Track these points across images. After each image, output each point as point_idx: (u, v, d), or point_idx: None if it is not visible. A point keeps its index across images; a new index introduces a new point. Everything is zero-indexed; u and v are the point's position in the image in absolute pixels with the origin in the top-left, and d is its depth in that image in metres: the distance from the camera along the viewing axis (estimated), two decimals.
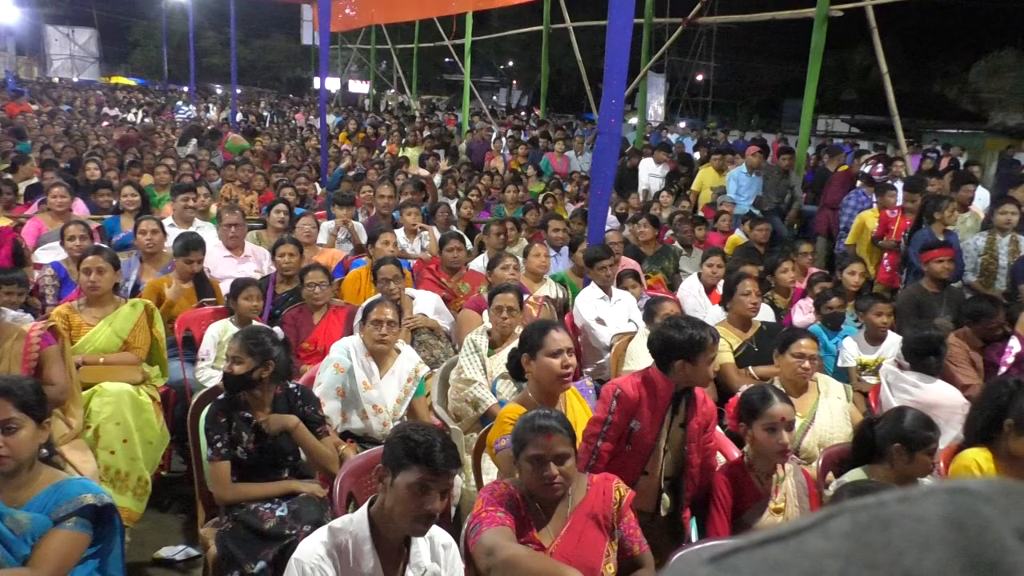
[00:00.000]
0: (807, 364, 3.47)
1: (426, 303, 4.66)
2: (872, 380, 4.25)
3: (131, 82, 36.70)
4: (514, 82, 41.22)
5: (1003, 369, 4.12)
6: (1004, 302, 4.76)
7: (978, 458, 2.80)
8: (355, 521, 2.12)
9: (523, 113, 27.34)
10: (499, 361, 3.67)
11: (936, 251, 5.14)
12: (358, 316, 3.83)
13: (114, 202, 6.60)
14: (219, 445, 2.88)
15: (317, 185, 9.21)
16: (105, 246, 4.38)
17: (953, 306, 4.90)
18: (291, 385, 3.15)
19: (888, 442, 2.74)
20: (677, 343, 2.74)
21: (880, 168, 8.90)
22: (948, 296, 5.06)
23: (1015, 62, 22.71)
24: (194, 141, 12.27)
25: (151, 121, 16.08)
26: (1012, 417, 2.74)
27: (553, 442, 2.23)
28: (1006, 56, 23.01)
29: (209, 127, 14.60)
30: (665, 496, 2.87)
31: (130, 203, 6.11)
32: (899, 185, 7.31)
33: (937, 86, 33.06)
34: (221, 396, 3.01)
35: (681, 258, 6.44)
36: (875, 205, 7.29)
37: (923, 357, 3.78)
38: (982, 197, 7.87)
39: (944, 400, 3.63)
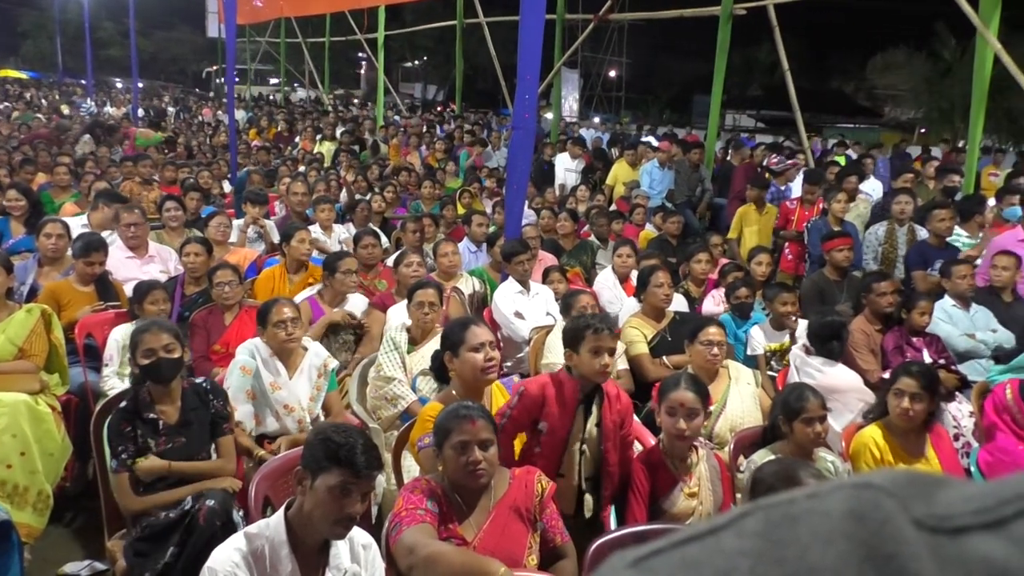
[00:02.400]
0: (715, 351, 3.58)
1: (357, 303, 4.58)
2: (780, 365, 4.43)
3: (22, 75, 34.68)
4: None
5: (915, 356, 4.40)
6: (900, 287, 5.02)
7: (873, 435, 3.06)
8: (271, 526, 2.07)
9: (439, 108, 27.19)
10: (419, 358, 3.66)
11: (836, 240, 5.38)
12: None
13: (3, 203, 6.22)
14: (124, 456, 2.78)
15: (227, 183, 8.94)
16: None
17: (853, 293, 5.14)
18: (199, 380, 3.07)
19: (776, 417, 2.96)
20: (565, 334, 2.80)
21: (775, 158, 9.24)
22: (848, 284, 5.31)
23: (905, 60, 24.02)
24: (87, 137, 11.68)
25: (43, 118, 15.21)
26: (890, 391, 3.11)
27: (477, 427, 2.26)
28: (897, 54, 24.31)
29: (109, 123, 13.95)
30: (588, 497, 2.88)
31: (15, 208, 5.75)
32: (799, 178, 7.62)
33: (836, 82, 34.61)
34: (123, 404, 2.89)
35: (598, 252, 6.54)
36: (785, 199, 7.59)
37: (826, 342, 3.96)
38: (875, 188, 8.30)
39: (843, 384, 3.81)
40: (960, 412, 3.99)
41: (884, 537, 0.33)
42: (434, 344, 3.50)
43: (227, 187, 8.87)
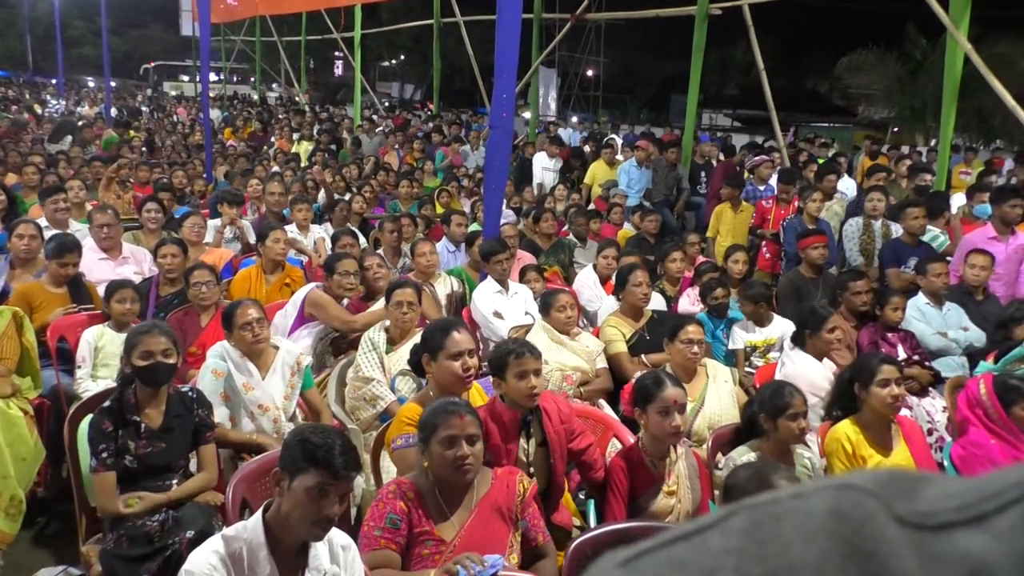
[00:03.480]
0: (696, 349, 3.61)
1: None
2: (760, 362, 4.47)
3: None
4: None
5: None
6: (873, 287, 5.08)
7: (846, 430, 3.09)
8: (249, 528, 2.06)
9: (417, 108, 27.11)
10: (397, 358, 3.64)
11: (811, 238, 5.44)
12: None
13: None
14: (104, 455, 2.74)
15: (203, 181, 8.85)
16: None
17: (828, 290, 5.20)
18: (185, 388, 3.04)
19: (757, 415, 2.96)
20: (490, 363, 2.80)
21: (753, 158, 9.31)
22: (824, 281, 5.37)
23: (876, 60, 24.33)
24: (69, 138, 11.54)
25: (21, 117, 14.95)
26: (856, 380, 3.13)
27: (465, 422, 2.27)
28: (869, 54, 24.62)
29: (81, 123, 13.75)
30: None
31: None
32: (775, 177, 7.69)
33: (811, 82, 34.98)
34: (107, 404, 2.85)
35: (576, 250, 6.55)
36: (760, 198, 7.65)
37: (800, 330, 4.03)
38: (849, 186, 8.39)
39: (802, 375, 3.81)
40: (933, 407, 4.06)
41: (865, 535, 0.34)
42: (413, 344, 3.49)
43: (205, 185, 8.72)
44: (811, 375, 3.85)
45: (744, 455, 2.93)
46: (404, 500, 2.26)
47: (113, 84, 23.44)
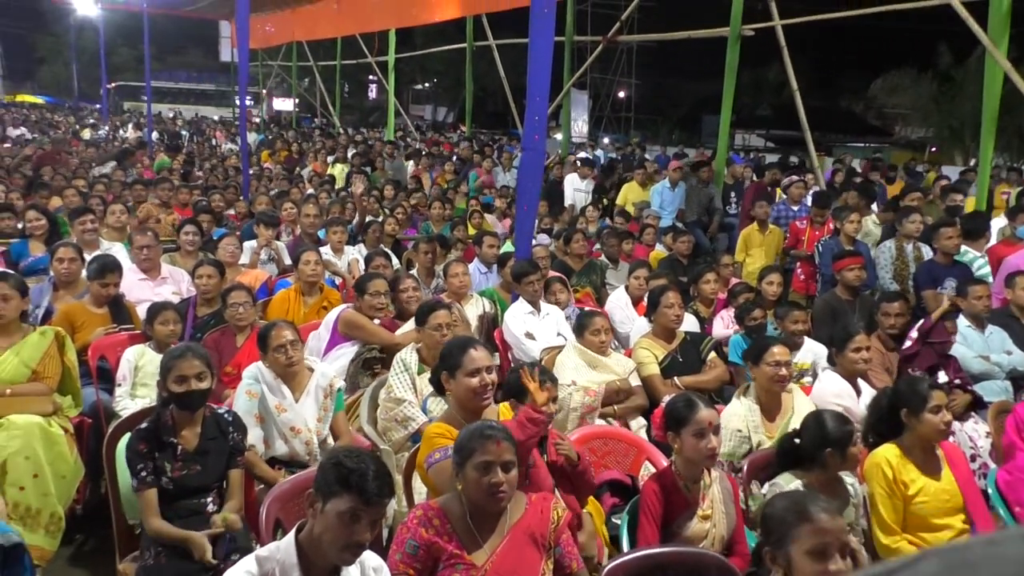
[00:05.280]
0: (783, 371, 3.48)
1: None
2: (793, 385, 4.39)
3: (38, 100, 35.17)
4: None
5: (908, 343, 4.41)
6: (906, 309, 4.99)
7: (887, 455, 3.01)
8: (282, 548, 2.07)
9: (450, 131, 27.38)
10: (428, 379, 3.65)
11: (847, 260, 5.37)
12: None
13: (19, 225, 6.30)
14: (144, 474, 2.78)
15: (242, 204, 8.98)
16: (11, 272, 4.17)
17: (866, 312, 5.12)
18: (221, 410, 3.07)
19: (818, 449, 2.86)
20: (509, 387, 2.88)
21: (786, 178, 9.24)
22: (861, 303, 5.28)
23: (911, 81, 24.09)
24: (113, 163, 11.85)
25: (61, 137, 15.39)
26: (905, 407, 3.02)
27: (501, 448, 2.26)
28: (903, 75, 24.39)
29: (125, 147, 14.14)
30: None
31: (36, 227, 5.83)
32: (810, 197, 7.62)
33: (845, 102, 34.63)
34: (144, 425, 2.89)
35: (608, 271, 6.54)
36: (794, 218, 7.59)
37: (829, 348, 3.97)
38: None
39: (824, 395, 3.77)
40: (976, 432, 3.95)
41: None
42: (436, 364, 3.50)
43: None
44: (835, 396, 3.79)
45: (790, 483, 2.88)
46: (428, 527, 2.25)
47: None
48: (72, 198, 7.46)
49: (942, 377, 4.21)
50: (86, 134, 19.13)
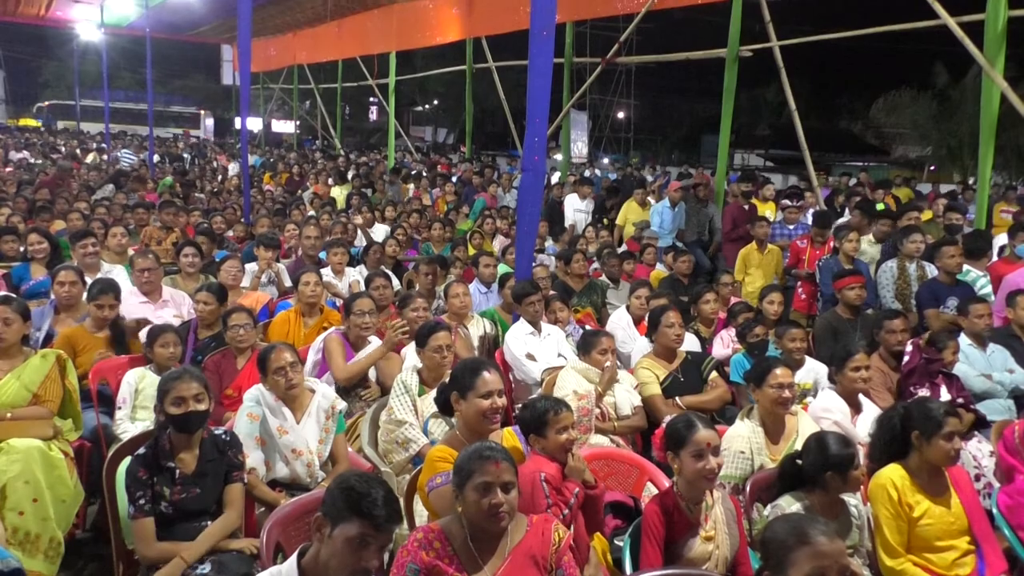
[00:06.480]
0: (787, 393, 3.46)
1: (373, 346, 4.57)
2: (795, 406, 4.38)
3: (39, 124, 35.37)
4: None
5: (906, 358, 4.42)
6: (909, 327, 4.99)
7: (892, 476, 2.97)
8: (284, 573, 2.05)
9: (451, 153, 27.51)
10: (430, 401, 3.64)
11: (847, 279, 5.37)
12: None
13: (21, 248, 6.31)
14: (141, 502, 2.77)
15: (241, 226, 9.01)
16: (13, 296, 4.18)
17: (867, 331, 5.11)
18: (219, 432, 3.06)
19: (820, 471, 2.85)
20: (527, 420, 2.87)
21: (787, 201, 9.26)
22: (862, 322, 5.27)
23: (910, 100, 24.23)
24: (111, 187, 11.89)
25: (66, 163, 15.45)
26: (917, 429, 2.98)
27: (500, 469, 2.25)
28: (902, 95, 24.53)
29: (133, 172, 14.18)
30: None
31: (38, 251, 5.84)
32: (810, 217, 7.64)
33: (844, 122, 34.80)
34: (142, 451, 2.88)
35: (609, 291, 6.54)
36: (789, 236, 7.60)
37: (829, 367, 3.96)
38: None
39: (820, 413, 3.76)
40: (980, 452, 3.93)
41: None
42: (439, 385, 3.49)
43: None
44: (824, 410, 3.78)
45: (792, 505, 2.86)
46: (428, 550, 2.23)
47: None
48: (76, 221, 7.49)
49: (943, 393, 4.20)
50: (90, 158, 19.20)
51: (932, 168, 26.11)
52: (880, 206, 8.66)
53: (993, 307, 5.05)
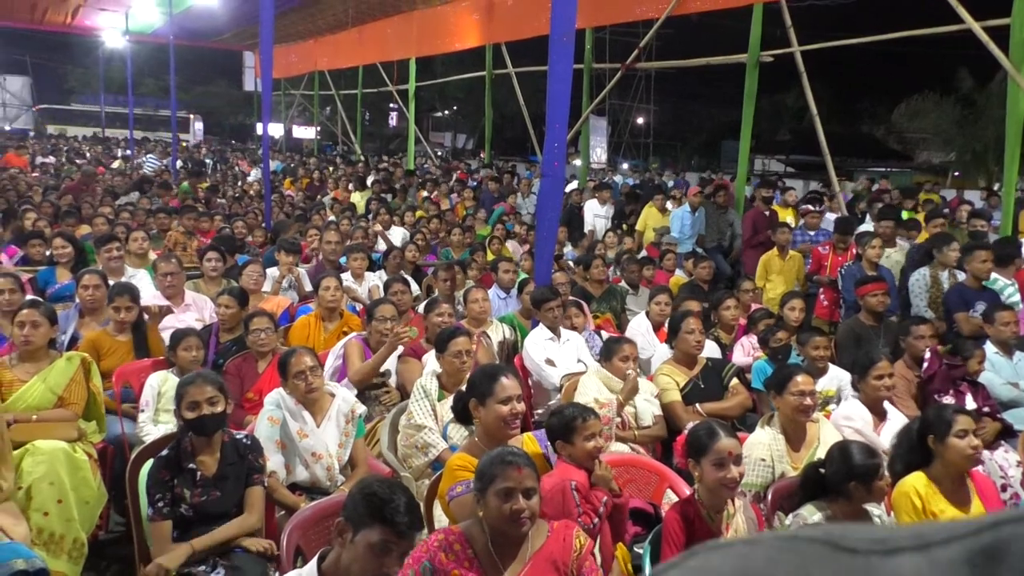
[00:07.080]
0: (808, 401, 3.40)
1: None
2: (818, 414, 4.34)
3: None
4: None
5: (925, 364, 4.38)
6: (938, 332, 4.92)
7: (916, 484, 2.94)
8: None
9: (470, 159, 27.57)
10: (450, 406, 3.64)
11: (870, 285, 5.31)
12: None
13: (47, 253, 6.40)
14: (160, 504, 2.79)
15: (260, 232, 9.09)
16: (41, 300, 4.24)
17: (891, 338, 5.05)
18: (240, 435, 3.08)
19: (843, 481, 2.81)
20: (555, 427, 2.86)
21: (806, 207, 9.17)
22: (885, 328, 5.22)
23: (933, 105, 23.94)
24: (136, 194, 12.05)
25: (90, 168, 15.67)
26: (931, 433, 2.98)
27: (523, 475, 2.24)
28: (925, 99, 24.25)
29: (143, 174, 14.37)
30: None
31: (62, 255, 5.93)
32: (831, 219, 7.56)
33: (866, 127, 34.46)
34: (165, 452, 2.91)
35: (628, 297, 6.52)
36: (810, 242, 7.54)
37: (852, 374, 3.92)
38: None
39: (842, 420, 3.73)
40: (1007, 461, 3.87)
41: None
42: (457, 391, 3.49)
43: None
44: (845, 418, 3.75)
45: (814, 515, 2.83)
46: (448, 552, 2.22)
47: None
48: (101, 226, 7.59)
49: (969, 401, 4.14)
50: (116, 164, 19.44)
51: (956, 174, 25.77)
52: (906, 214, 8.56)
53: (1020, 314, 4.98)
